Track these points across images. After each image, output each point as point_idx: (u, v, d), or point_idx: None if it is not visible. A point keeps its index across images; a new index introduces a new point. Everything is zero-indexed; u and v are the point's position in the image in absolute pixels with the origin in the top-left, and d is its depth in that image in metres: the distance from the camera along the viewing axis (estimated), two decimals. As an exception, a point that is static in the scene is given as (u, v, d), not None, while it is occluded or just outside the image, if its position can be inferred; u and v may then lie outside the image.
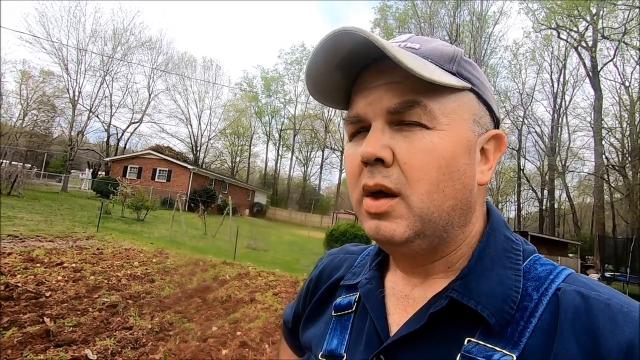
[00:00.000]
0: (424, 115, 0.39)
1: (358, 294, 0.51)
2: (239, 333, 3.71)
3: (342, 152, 36.94)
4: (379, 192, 0.40)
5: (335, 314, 0.52)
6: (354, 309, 0.50)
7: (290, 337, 0.67)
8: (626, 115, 21.52)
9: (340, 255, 0.63)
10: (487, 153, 0.43)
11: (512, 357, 0.35)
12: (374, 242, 0.50)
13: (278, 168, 46.25)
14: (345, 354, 0.46)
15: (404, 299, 0.45)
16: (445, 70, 0.40)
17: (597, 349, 0.33)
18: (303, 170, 46.34)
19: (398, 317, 0.44)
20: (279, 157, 45.69)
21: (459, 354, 0.37)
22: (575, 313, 0.36)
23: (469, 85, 0.41)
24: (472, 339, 0.37)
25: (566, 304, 0.37)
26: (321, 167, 45.13)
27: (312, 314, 0.58)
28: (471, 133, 0.41)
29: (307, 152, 45.81)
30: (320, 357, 0.49)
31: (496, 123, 0.46)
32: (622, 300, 0.37)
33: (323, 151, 43.73)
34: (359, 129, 0.43)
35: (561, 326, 0.35)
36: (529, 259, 0.43)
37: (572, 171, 26.99)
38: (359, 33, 0.36)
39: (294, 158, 45.47)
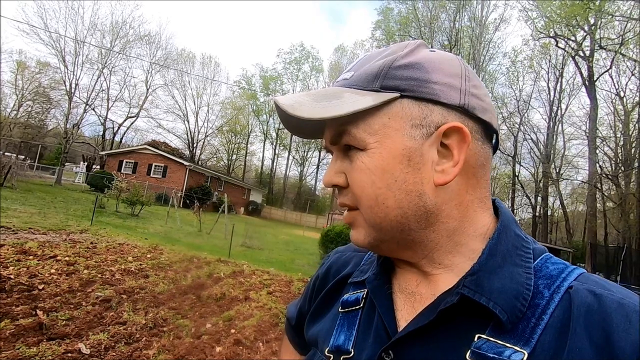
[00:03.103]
0: (352, 140, 0.43)
1: (366, 290, 0.51)
2: (233, 331, 3.70)
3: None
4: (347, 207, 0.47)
5: (342, 310, 0.52)
6: (361, 305, 0.50)
7: (293, 334, 0.68)
8: (620, 125, 21.81)
9: (348, 252, 0.63)
10: (450, 148, 0.41)
11: (524, 353, 0.35)
12: None
13: (274, 167, 46.20)
14: (352, 350, 0.47)
15: (411, 295, 0.46)
16: (369, 90, 0.42)
17: (610, 347, 0.33)
18: (299, 170, 46.32)
19: (406, 313, 0.45)
20: (276, 156, 45.66)
21: (469, 350, 0.37)
22: (588, 311, 0.36)
23: (396, 94, 0.41)
24: (482, 336, 0.37)
25: (579, 301, 0.37)
26: (317, 168, 45.11)
27: (319, 311, 0.58)
28: (409, 140, 0.41)
29: (304, 152, 45.77)
30: (327, 353, 0.49)
31: (463, 110, 0.42)
32: (635, 299, 0.37)
33: (320, 152, 43.67)
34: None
35: (574, 324, 0.35)
36: (540, 258, 0.43)
37: (566, 179, 27.25)
38: (277, 103, 0.43)
39: (290, 157, 45.47)
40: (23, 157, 29.04)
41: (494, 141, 0.47)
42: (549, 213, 29.44)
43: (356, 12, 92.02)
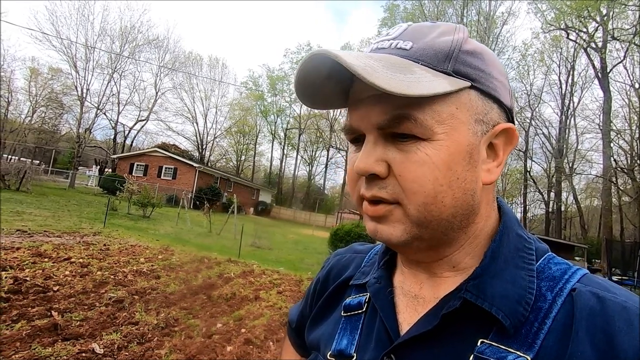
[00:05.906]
0: (415, 128, 0.37)
1: (368, 294, 0.50)
2: (243, 330, 3.73)
3: (347, 152, 36.85)
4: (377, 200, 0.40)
5: (344, 314, 0.51)
6: (364, 309, 0.49)
7: (295, 337, 0.67)
8: (635, 118, 21.25)
9: (348, 254, 0.62)
10: (496, 148, 0.41)
11: (527, 358, 0.34)
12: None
13: (283, 167, 46.39)
14: (355, 354, 0.46)
15: (414, 299, 0.45)
16: (440, 71, 0.38)
17: (612, 351, 0.32)
18: (308, 170, 46.44)
19: (409, 316, 0.44)
20: (284, 156, 45.83)
21: (472, 355, 0.36)
22: (591, 314, 0.35)
23: (468, 84, 0.38)
24: (485, 340, 0.37)
25: (581, 305, 0.36)
26: (326, 167, 45.21)
27: (320, 314, 0.58)
28: (472, 135, 0.38)
29: (312, 151, 45.88)
30: (329, 357, 0.48)
31: (508, 112, 0.42)
32: (638, 302, 0.36)
33: (328, 151, 43.74)
34: (357, 136, 0.43)
35: (576, 327, 0.35)
36: (542, 258, 0.42)
37: (579, 173, 26.71)
38: (331, 57, 0.34)
39: (299, 157, 45.59)
40: (38, 161, 29.68)
41: None
42: (563, 208, 28.93)
43: (358, 11, 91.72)
